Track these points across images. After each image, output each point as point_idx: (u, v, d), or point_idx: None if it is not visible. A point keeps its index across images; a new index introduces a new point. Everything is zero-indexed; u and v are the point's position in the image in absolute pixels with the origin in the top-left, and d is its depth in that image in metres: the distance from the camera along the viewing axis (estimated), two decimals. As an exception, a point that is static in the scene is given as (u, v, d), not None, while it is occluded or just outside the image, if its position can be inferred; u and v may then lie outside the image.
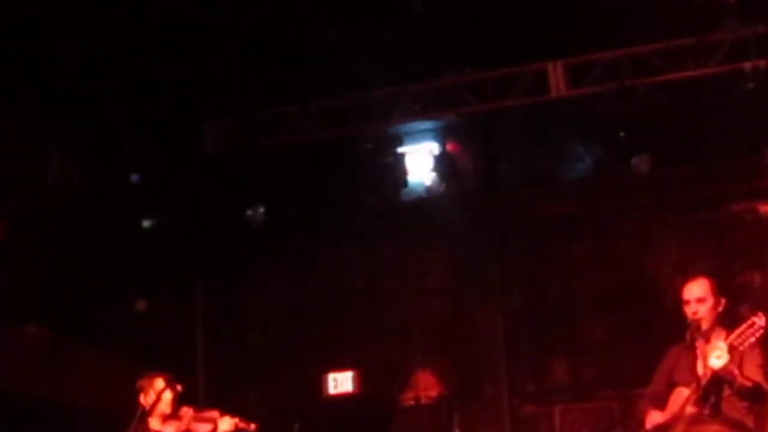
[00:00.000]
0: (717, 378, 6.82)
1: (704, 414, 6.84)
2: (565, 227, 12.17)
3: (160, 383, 7.93)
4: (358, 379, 12.18)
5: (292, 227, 12.56)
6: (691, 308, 7.06)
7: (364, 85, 11.88)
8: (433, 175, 12.16)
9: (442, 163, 12.13)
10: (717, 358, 6.76)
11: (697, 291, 7.09)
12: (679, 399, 6.96)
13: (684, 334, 7.05)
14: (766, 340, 6.90)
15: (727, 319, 7.11)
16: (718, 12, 10.82)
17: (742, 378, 6.82)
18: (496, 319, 12.25)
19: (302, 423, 11.98)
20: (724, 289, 7.21)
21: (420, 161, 12.20)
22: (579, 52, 11.33)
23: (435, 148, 12.19)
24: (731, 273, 11.17)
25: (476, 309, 12.31)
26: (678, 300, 7.21)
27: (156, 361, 9.19)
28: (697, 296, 7.07)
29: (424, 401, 12.08)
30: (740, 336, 6.84)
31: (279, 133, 12.18)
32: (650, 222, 11.96)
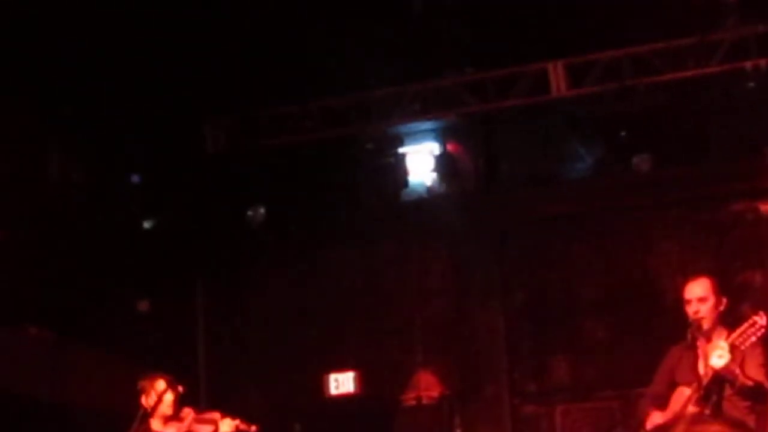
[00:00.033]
0: (718, 377, 6.80)
1: (705, 413, 6.82)
2: (566, 227, 12.16)
3: (162, 384, 7.92)
4: (360, 380, 12.16)
5: (292, 227, 12.56)
6: (692, 308, 7.05)
7: (364, 85, 11.89)
8: (434, 175, 12.18)
9: (443, 163, 12.13)
10: (718, 358, 6.75)
11: (699, 290, 7.09)
12: (681, 399, 6.95)
13: (685, 334, 7.03)
14: (767, 339, 6.89)
15: (728, 319, 7.10)
16: (718, 12, 10.82)
17: (743, 377, 6.81)
18: (497, 318, 12.24)
19: (303, 424, 11.99)
20: (725, 289, 7.20)
21: (420, 161, 12.21)
22: (579, 52, 11.34)
23: (435, 149, 12.20)
24: (732, 272, 11.15)
25: (476, 309, 12.31)
26: (679, 300, 7.21)
27: (156, 362, 9.21)
28: (699, 296, 7.06)
29: (425, 401, 12.06)
30: (741, 335, 6.83)
31: (279, 133, 12.19)
32: (651, 222, 11.95)
